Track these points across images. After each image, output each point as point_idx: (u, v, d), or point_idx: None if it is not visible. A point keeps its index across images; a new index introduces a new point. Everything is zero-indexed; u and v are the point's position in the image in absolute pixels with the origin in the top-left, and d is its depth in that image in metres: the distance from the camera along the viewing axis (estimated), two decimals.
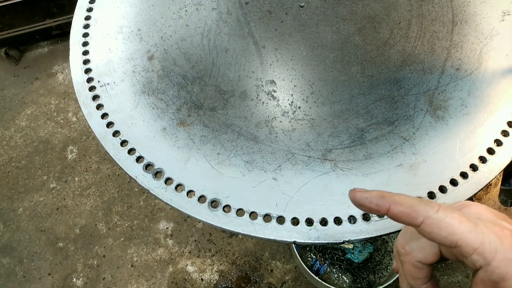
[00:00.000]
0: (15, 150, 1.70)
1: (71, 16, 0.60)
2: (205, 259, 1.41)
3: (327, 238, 0.42)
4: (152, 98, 0.53)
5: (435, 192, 0.44)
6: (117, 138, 0.50)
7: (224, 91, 0.53)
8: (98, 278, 1.41)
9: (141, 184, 0.47)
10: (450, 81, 0.51)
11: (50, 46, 2.00)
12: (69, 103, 1.81)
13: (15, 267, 1.45)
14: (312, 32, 0.57)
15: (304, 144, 0.48)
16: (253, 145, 0.48)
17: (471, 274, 0.28)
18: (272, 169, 0.47)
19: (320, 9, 0.59)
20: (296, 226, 0.43)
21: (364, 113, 0.50)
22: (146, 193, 1.53)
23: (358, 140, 0.48)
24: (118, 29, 0.60)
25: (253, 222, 0.43)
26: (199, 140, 0.49)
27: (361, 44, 0.55)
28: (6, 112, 1.81)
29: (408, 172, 0.45)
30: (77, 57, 0.57)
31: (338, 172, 0.46)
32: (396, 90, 0.51)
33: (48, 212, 1.55)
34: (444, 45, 0.54)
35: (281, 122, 0.50)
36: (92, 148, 1.70)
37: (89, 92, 0.54)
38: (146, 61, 0.56)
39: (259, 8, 0.60)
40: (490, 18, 0.56)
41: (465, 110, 0.49)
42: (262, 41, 0.57)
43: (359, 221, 0.43)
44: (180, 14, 0.60)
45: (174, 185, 0.46)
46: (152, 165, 0.48)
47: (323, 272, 1.30)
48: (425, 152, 0.46)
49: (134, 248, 1.46)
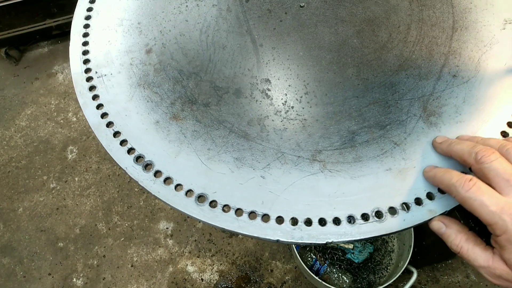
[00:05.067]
0: (15, 150, 1.71)
1: (71, 16, 0.61)
2: (205, 259, 1.42)
3: (310, 238, 0.42)
4: (147, 91, 0.53)
5: (423, 198, 0.43)
6: (110, 129, 0.51)
7: (219, 88, 0.53)
8: (98, 278, 1.42)
9: (130, 175, 0.47)
10: (446, 87, 0.51)
11: (50, 46, 2.01)
12: (69, 103, 1.82)
13: (15, 267, 1.45)
14: (310, 32, 0.57)
15: (295, 144, 0.48)
16: (244, 142, 0.49)
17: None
18: (261, 167, 0.47)
19: (320, 10, 0.59)
20: (281, 225, 0.43)
21: (356, 115, 0.50)
22: (146, 193, 1.54)
23: (348, 142, 0.48)
24: (119, 22, 0.60)
25: (238, 218, 0.44)
26: (190, 135, 0.50)
27: (358, 47, 0.55)
28: (6, 112, 1.82)
29: (397, 177, 0.45)
30: (77, 48, 0.58)
31: (326, 173, 0.46)
32: (390, 94, 0.51)
33: (48, 212, 1.56)
34: (442, 51, 0.54)
35: (273, 121, 0.50)
36: (92, 148, 1.69)
37: (86, 83, 0.55)
38: (144, 54, 0.57)
39: (259, 6, 0.60)
40: (491, 26, 0.55)
41: (459, 118, 0.48)
42: (260, 39, 0.57)
43: (344, 223, 0.43)
44: (181, 9, 0.61)
45: (163, 178, 0.47)
46: (143, 157, 0.48)
47: (323, 272, 1.30)
48: (415, 158, 0.46)
49: (134, 248, 1.46)
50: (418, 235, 1.22)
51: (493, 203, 0.34)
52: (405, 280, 1.19)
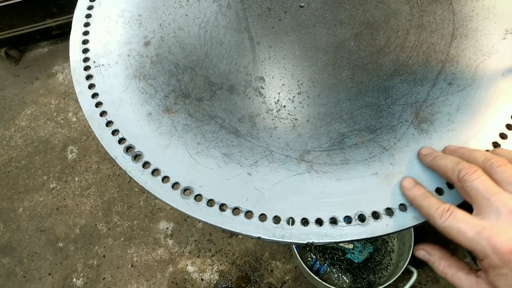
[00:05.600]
0: (15, 150, 1.70)
1: (71, 16, 0.61)
2: (205, 259, 1.42)
3: (292, 237, 0.42)
4: (142, 82, 0.54)
5: (407, 205, 0.43)
6: (103, 118, 0.51)
7: (213, 83, 0.54)
8: (98, 278, 1.42)
9: (119, 164, 0.48)
10: (440, 94, 0.50)
11: (50, 46, 2.00)
12: (69, 103, 1.81)
13: (15, 267, 1.46)
14: (308, 33, 0.57)
15: (284, 143, 0.48)
16: (234, 138, 0.49)
17: None
18: (249, 164, 0.47)
19: (319, 10, 0.59)
20: (263, 223, 0.43)
21: (347, 118, 0.49)
22: (146, 193, 1.54)
23: (337, 144, 0.48)
24: (120, 13, 0.61)
25: (222, 213, 0.44)
26: (181, 128, 0.50)
27: (355, 50, 0.55)
28: (6, 112, 1.81)
29: (383, 181, 0.45)
30: (77, 37, 0.59)
31: (313, 174, 0.46)
32: (383, 99, 0.50)
33: (48, 212, 1.56)
34: (439, 58, 0.53)
35: (264, 119, 0.50)
36: (92, 148, 1.69)
37: (83, 71, 0.56)
38: (142, 46, 0.57)
39: (259, 4, 0.60)
40: (491, 35, 0.54)
41: (451, 126, 0.48)
42: (258, 37, 0.57)
43: (326, 224, 0.43)
44: (181, 4, 0.61)
45: (151, 169, 0.47)
46: (133, 148, 0.49)
47: (323, 272, 1.30)
48: (403, 163, 0.46)
49: (134, 248, 1.46)
50: (418, 235, 1.21)
51: (470, 229, 0.34)
52: (405, 280, 1.18)
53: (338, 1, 0.59)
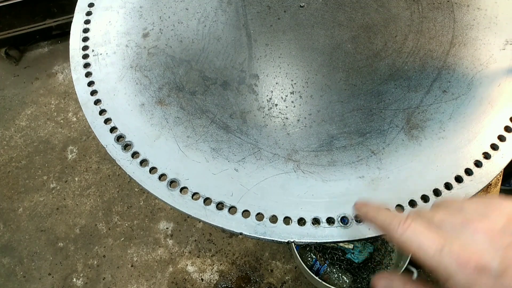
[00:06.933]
0: (15, 150, 1.70)
1: (71, 16, 0.62)
2: (205, 259, 1.42)
3: (273, 235, 0.42)
4: (138, 73, 0.54)
5: (392, 210, 0.43)
6: (97, 106, 0.52)
7: (207, 78, 0.54)
8: (98, 278, 1.42)
9: (109, 153, 0.48)
10: (433, 102, 0.50)
11: (50, 46, 2.00)
12: (69, 103, 1.81)
13: (15, 267, 1.46)
14: (306, 33, 0.57)
15: (273, 141, 0.48)
16: (223, 134, 0.49)
17: None
18: (236, 160, 0.47)
19: (319, 11, 0.59)
20: (246, 219, 0.43)
21: (338, 120, 0.49)
22: (146, 193, 1.53)
23: (326, 145, 0.48)
24: (122, 4, 0.62)
25: (206, 207, 0.44)
26: (173, 120, 0.50)
27: (351, 52, 0.55)
28: (6, 112, 1.81)
29: (369, 185, 0.45)
30: (78, 25, 0.60)
31: (299, 173, 0.46)
32: (375, 103, 0.50)
33: (48, 212, 1.56)
34: (436, 65, 0.53)
35: (255, 116, 0.51)
36: (92, 148, 1.69)
37: (82, 59, 0.56)
38: (141, 37, 0.58)
39: (260, 2, 0.60)
40: (490, 45, 0.54)
41: (442, 134, 0.48)
42: (255, 34, 0.57)
43: (308, 224, 0.43)
44: None
45: (140, 159, 0.48)
46: (124, 137, 0.49)
47: (323, 272, 1.30)
48: (390, 168, 0.46)
49: (134, 248, 1.46)
50: None
51: (431, 245, 0.29)
52: None
53: (339, 3, 0.59)
